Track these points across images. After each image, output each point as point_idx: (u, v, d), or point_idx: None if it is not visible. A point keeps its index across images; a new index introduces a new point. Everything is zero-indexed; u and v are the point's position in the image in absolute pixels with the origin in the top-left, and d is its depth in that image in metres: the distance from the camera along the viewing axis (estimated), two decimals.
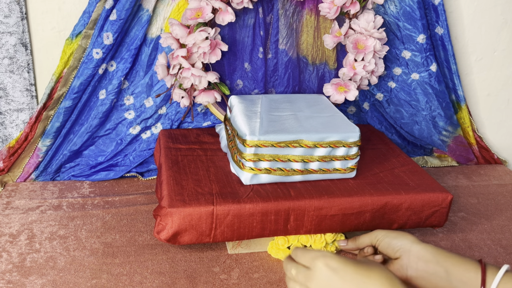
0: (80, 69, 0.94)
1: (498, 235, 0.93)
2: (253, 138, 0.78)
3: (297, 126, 0.82)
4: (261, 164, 0.79)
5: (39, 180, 1.02)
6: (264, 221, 0.77)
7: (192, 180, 0.82)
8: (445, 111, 1.11)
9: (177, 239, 0.76)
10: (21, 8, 0.94)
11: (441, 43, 1.08)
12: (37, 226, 0.87)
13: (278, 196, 0.78)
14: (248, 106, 0.88)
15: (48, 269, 0.76)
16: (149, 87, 1.00)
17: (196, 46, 0.91)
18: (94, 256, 0.80)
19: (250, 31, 0.99)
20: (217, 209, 0.75)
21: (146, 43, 0.97)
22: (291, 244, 0.82)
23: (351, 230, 0.82)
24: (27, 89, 1.00)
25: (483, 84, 1.20)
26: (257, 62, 1.02)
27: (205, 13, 0.89)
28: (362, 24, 0.97)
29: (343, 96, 1.02)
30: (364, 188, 0.82)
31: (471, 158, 1.20)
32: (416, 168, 0.91)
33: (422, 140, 1.16)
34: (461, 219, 0.97)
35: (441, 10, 1.04)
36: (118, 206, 0.94)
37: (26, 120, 1.02)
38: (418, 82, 1.08)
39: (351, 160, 0.83)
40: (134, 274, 0.76)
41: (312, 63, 1.05)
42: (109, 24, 0.91)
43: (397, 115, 1.13)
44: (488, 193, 1.08)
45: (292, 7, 0.99)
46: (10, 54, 0.96)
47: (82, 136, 1.00)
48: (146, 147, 1.05)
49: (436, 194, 0.83)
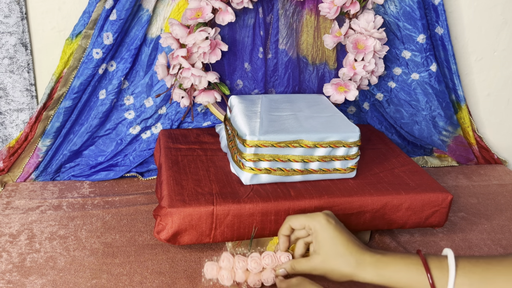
0: (80, 69, 0.94)
1: (498, 235, 0.93)
2: (253, 138, 0.78)
3: (297, 126, 0.82)
4: (261, 164, 0.79)
5: (39, 180, 1.02)
6: (264, 221, 0.77)
7: (192, 180, 0.82)
8: (445, 111, 1.11)
9: (177, 239, 0.76)
10: (21, 8, 0.94)
11: (441, 43, 1.08)
12: (37, 226, 0.87)
13: (278, 196, 0.78)
14: (248, 106, 0.88)
15: (48, 269, 0.76)
16: (149, 87, 1.00)
17: (196, 46, 0.91)
18: (94, 256, 0.80)
19: (250, 31, 0.99)
20: (217, 209, 0.75)
21: (146, 43, 0.97)
22: None
23: (351, 230, 0.81)
24: (27, 89, 1.00)
25: (483, 84, 1.20)
26: (257, 62, 1.02)
27: (205, 13, 0.89)
28: (362, 24, 0.97)
29: (343, 96, 1.02)
30: (364, 188, 0.82)
31: (471, 158, 1.20)
32: (416, 168, 0.91)
33: (422, 140, 1.16)
34: (461, 219, 0.97)
35: (441, 10, 1.04)
36: (118, 206, 0.94)
37: (26, 120, 1.02)
38: (418, 82, 1.08)
39: (351, 160, 0.83)
40: (134, 274, 0.76)
41: (312, 63, 1.05)
42: (109, 24, 0.91)
43: (397, 115, 1.13)
44: (488, 193, 1.08)
45: (292, 7, 0.99)
46: (10, 54, 0.96)
47: (82, 136, 1.00)
48: (146, 147, 1.05)
49: (436, 194, 0.83)
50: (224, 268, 0.72)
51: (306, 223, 0.67)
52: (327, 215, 0.67)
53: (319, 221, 0.66)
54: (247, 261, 0.72)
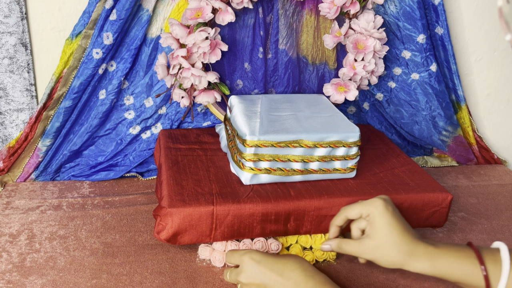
0: (80, 69, 0.94)
1: (498, 235, 0.93)
2: (253, 138, 0.78)
3: (297, 126, 0.82)
4: (261, 164, 0.79)
5: (39, 180, 1.02)
6: (264, 221, 0.77)
7: (192, 180, 0.82)
8: (445, 111, 1.11)
9: (177, 239, 0.76)
10: (21, 8, 0.94)
11: (441, 43, 1.08)
12: (37, 226, 0.87)
13: (278, 196, 0.78)
14: (248, 106, 0.88)
15: (48, 269, 0.76)
16: (149, 87, 1.00)
17: (196, 46, 0.91)
18: (94, 256, 0.80)
19: (250, 31, 0.99)
20: (217, 209, 0.75)
21: (146, 43, 0.97)
22: (290, 244, 0.82)
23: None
24: (27, 89, 1.00)
25: (483, 84, 1.20)
26: (257, 62, 1.02)
27: (205, 13, 0.89)
28: (362, 24, 0.97)
29: (343, 96, 1.02)
30: (364, 188, 0.82)
31: (471, 158, 1.20)
32: (416, 168, 0.91)
33: (422, 140, 1.16)
34: (461, 219, 0.97)
35: (441, 10, 1.04)
36: (118, 206, 0.94)
37: (26, 120, 1.02)
38: (418, 82, 1.08)
39: (351, 160, 0.83)
40: (134, 274, 0.76)
41: (312, 63, 1.05)
42: (109, 24, 0.91)
43: (397, 115, 1.13)
44: (488, 193, 1.08)
45: (292, 7, 0.99)
46: (10, 54, 0.96)
47: (82, 136, 1.00)
48: (146, 147, 1.05)
49: (436, 194, 0.83)
50: (217, 250, 0.78)
51: (363, 211, 0.68)
52: (384, 200, 0.67)
53: (377, 207, 0.66)
54: (239, 245, 0.78)
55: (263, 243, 0.78)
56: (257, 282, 0.65)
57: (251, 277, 0.66)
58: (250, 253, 0.68)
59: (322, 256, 0.81)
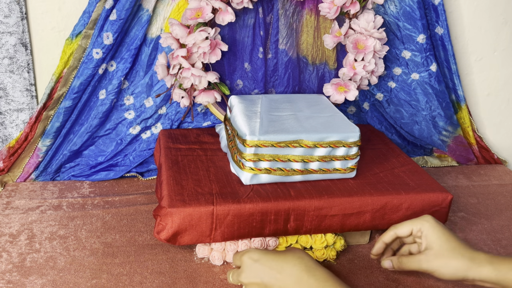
0: (80, 69, 0.94)
1: (498, 235, 0.93)
2: (253, 138, 0.78)
3: (297, 126, 0.82)
4: (261, 164, 0.79)
5: (39, 180, 1.02)
6: (264, 221, 0.77)
7: (192, 180, 0.82)
8: (445, 111, 1.11)
9: (177, 239, 0.76)
10: (21, 8, 0.94)
11: (441, 43, 1.08)
12: (37, 226, 0.87)
13: (278, 196, 0.78)
14: (248, 106, 0.88)
15: (48, 269, 0.76)
16: (149, 87, 1.00)
17: (196, 46, 0.91)
18: (94, 256, 0.80)
19: (250, 31, 0.99)
20: (217, 209, 0.75)
21: (146, 43, 0.97)
22: (290, 244, 0.82)
23: (351, 230, 0.82)
24: (27, 89, 1.00)
25: (483, 84, 1.20)
26: (257, 62, 1.02)
27: (205, 13, 0.89)
28: (362, 24, 0.97)
29: (343, 96, 1.02)
30: (364, 188, 0.82)
31: (471, 158, 1.20)
32: (416, 168, 0.91)
33: (422, 140, 1.16)
34: (461, 219, 0.97)
35: (441, 10, 1.04)
36: (118, 206, 0.94)
37: (26, 120, 1.02)
38: (418, 82, 1.08)
39: (351, 160, 0.83)
40: (134, 274, 0.76)
41: (312, 63, 1.05)
42: (109, 24, 0.91)
43: (397, 115, 1.13)
44: (488, 193, 1.08)
45: (292, 7, 0.99)
46: (10, 54, 0.96)
47: (82, 136, 1.00)
48: (146, 147, 1.05)
49: (436, 194, 0.83)
50: (216, 249, 0.79)
51: (413, 227, 0.70)
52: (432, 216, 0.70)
53: (428, 221, 0.69)
54: (238, 244, 0.79)
55: (262, 240, 0.78)
56: (257, 282, 0.65)
57: (252, 277, 0.66)
58: (249, 253, 0.68)
59: (322, 256, 0.81)
